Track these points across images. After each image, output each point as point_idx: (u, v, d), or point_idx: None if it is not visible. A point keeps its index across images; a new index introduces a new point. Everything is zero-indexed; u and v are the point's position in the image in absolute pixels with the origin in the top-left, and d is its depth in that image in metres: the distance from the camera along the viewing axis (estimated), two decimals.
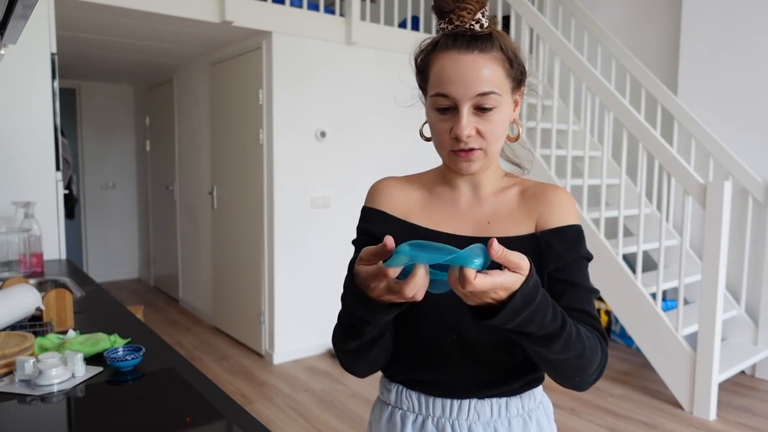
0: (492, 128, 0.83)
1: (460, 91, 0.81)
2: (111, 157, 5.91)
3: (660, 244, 3.05)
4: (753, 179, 3.30)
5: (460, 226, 0.91)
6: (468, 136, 0.82)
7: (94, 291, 1.89)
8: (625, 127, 3.18)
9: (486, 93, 0.81)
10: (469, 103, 0.81)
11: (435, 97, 0.83)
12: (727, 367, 2.97)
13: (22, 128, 2.54)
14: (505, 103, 0.84)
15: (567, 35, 4.19)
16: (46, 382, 1.06)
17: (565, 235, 0.88)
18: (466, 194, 0.93)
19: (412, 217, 0.93)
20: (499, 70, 0.83)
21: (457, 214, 0.92)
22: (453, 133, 0.82)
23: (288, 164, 3.53)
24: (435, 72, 0.84)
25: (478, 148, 0.84)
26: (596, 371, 0.82)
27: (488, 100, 0.81)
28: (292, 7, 3.45)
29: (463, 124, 0.81)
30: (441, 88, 0.82)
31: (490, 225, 0.90)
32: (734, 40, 3.41)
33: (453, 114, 0.83)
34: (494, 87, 0.81)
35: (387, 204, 0.94)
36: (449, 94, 0.81)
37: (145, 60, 4.48)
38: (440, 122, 0.85)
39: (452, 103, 0.82)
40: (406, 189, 0.95)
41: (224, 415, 0.96)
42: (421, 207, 0.93)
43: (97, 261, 5.85)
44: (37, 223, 2.30)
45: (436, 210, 0.93)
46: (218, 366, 3.55)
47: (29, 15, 1.17)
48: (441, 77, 0.82)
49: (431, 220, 0.92)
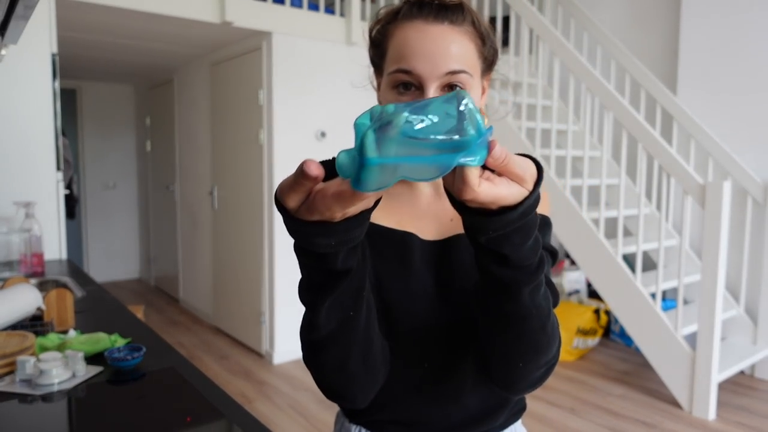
0: None
1: (427, 68, 0.68)
2: (111, 157, 5.91)
3: (659, 244, 3.06)
4: (752, 179, 3.30)
5: (425, 226, 0.79)
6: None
7: (94, 291, 1.90)
8: (624, 128, 3.18)
9: (456, 71, 0.68)
10: (436, 83, 0.69)
11: (395, 75, 0.70)
12: (726, 367, 2.97)
13: (23, 128, 2.54)
14: (475, 86, 0.72)
15: (566, 36, 4.19)
16: (47, 381, 1.07)
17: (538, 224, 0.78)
18: (425, 191, 0.80)
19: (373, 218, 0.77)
20: (471, 46, 0.71)
21: (419, 211, 0.80)
22: None
23: (288, 164, 3.53)
24: (396, 45, 0.71)
25: None
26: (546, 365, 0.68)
27: (458, 79, 0.69)
28: (292, 7, 3.45)
29: None
30: (403, 63, 0.69)
31: (453, 222, 0.79)
32: (734, 40, 3.41)
33: (415, 94, 0.70)
34: (466, 66, 0.69)
35: None
36: (413, 71, 0.68)
37: (145, 60, 4.48)
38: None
39: (415, 82, 0.69)
40: None
41: (224, 415, 0.96)
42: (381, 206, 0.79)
43: (97, 261, 5.85)
44: (38, 223, 2.30)
45: (398, 207, 0.80)
46: (218, 366, 3.56)
47: (30, 15, 1.18)
48: (403, 51, 0.69)
49: (396, 220, 0.78)
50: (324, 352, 0.64)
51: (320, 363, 0.66)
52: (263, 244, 3.63)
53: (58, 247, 2.63)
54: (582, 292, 4.07)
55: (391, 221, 0.78)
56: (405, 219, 0.78)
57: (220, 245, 4.27)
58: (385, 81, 0.73)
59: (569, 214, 3.34)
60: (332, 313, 0.61)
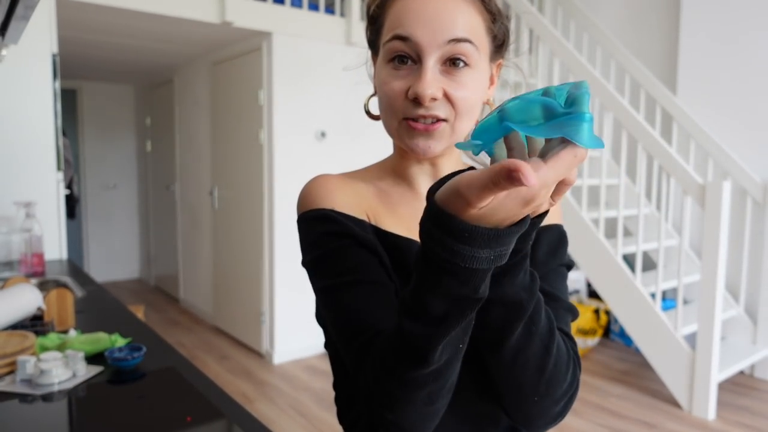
0: (464, 93, 0.62)
1: (426, 34, 0.60)
2: (112, 157, 5.91)
3: (659, 244, 3.06)
4: (752, 179, 3.30)
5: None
6: (432, 98, 0.61)
7: (94, 291, 1.90)
8: (624, 128, 3.19)
9: (460, 39, 0.61)
10: (436, 53, 0.61)
11: (390, 43, 0.63)
12: (726, 367, 2.97)
13: (23, 128, 2.54)
14: (481, 64, 0.64)
15: (566, 36, 4.19)
16: (47, 381, 1.07)
17: (548, 237, 0.70)
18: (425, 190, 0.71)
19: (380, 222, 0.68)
20: (478, 19, 0.63)
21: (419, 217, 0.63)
22: (411, 92, 0.61)
23: (288, 164, 3.54)
24: (394, 13, 0.64)
25: (444, 118, 0.63)
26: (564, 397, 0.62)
27: (462, 49, 0.61)
28: (292, 7, 3.45)
29: (428, 78, 0.60)
30: (399, 29, 0.62)
31: None
32: (733, 40, 3.42)
33: (412, 69, 0.62)
34: (470, 35, 0.62)
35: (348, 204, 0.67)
36: (411, 37, 0.61)
37: (145, 60, 4.48)
38: (393, 79, 0.63)
39: (413, 52, 0.62)
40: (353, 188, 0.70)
41: (225, 415, 0.96)
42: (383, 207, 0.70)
43: (97, 261, 5.85)
44: (38, 223, 2.30)
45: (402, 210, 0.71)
46: (219, 366, 3.56)
47: (30, 16, 1.18)
48: (401, 17, 0.62)
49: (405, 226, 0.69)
50: (422, 389, 0.54)
51: (412, 399, 0.55)
52: (263, 244, 3.63)
53: (59, 247, 2.63)
54: (582, 292, 4.07)
55: (401, 228, 0.69)
56: (412, 223, 0.69)
57: (220, 245, 4.27)
58: (381, 55, 0.65)
59: (569, 214, 3.35)
60: (447, 347, 0.52)
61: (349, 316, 0.62)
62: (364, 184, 0.71)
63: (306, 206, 0.68)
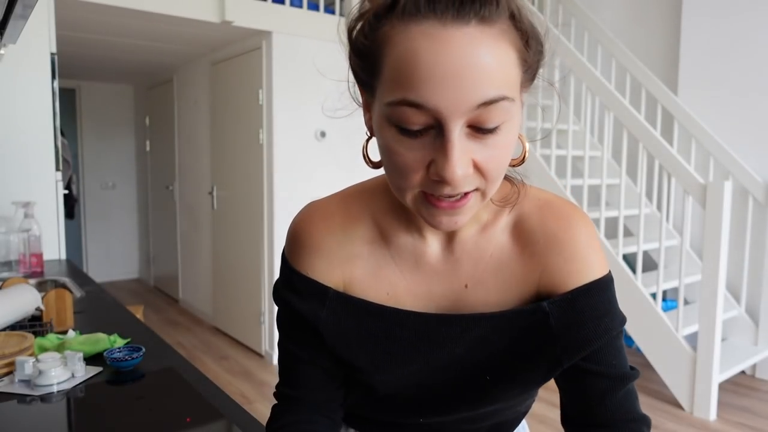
0: (497, 157, 0.50)
1: (449, 100, 0.46)
2: (111, 157, 5.90)
3: (660, 244, 3.05)
4: (753, 179, 3.29)
5: (427, 297, 0.62)
6: (464, 177, 0.49)
7: (93, 291, 1.89)
8: (625, 127, 3.18)
9: (493, 101, 0.47)
10: (462, 120, 0.47)
11: (399, 108, 0.48)
12: (727, 367, 2.97)
13: (22, 128, 2.54)
14: (517, 111, 0.51)
15: (567, 35, 4.18)
16: (46, 382, 1.06)
17: (590, 304, 0.59)
18: (433, 244, 0.62)
19: (356, 286, 0.63)
20: (511, 55, 0.48)
21: (423, 276, 0.62)
22: (435, 173, 0.49)
23: (288, 164, 3.53)
24: (396, 60, 0.48)
25: (474, 189, 0.51)
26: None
27: (496, 112, 0.48)
28: (292, 7, 3.45)
29: (456, 157, 0.47)
30: (411, 93, 0.47)
31: (469, 290, 0.61)
32: (734, 39, 3.41)
33: (431, 136, 0.49)
34: (505, 88, 0.48)
35: (321, 267, 0.63)
36: (428, 105, 0.46)
37: (145, 60, 4.47)
38: (406, 150, 0.50)
39: (431, 120, 0.48)
40: (346, 235, 0.63)
41: (224, 415, 0.95)
42: (370, 267, 0.63)
43: (97, 261, 5.85)
44: (37, 223, 2.29)
45: (392, 273, 0.63)
46: (218, 366, 3.55)
47: (29, 15, 1.17)
48: (410, 72, 0.47)
49: (386, 291, 0.62)
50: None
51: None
52: (263, 244, 3.62)
53: (57, 247, 2.62)
54: None
55: (380, 292, 0.63)
56: (400, 286, 0.63)
57: (219, 245, 4.26)
58: (382, 112, 0.51)
59: None
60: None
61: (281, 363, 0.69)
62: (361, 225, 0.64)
63: (286, 251, 0.67)
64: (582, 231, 0.59)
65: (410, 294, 0.63)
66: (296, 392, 0.68)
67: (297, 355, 0.67)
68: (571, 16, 4.15)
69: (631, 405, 0.62)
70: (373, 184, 0.66)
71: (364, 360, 0.64)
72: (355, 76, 0.58)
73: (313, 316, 0.63)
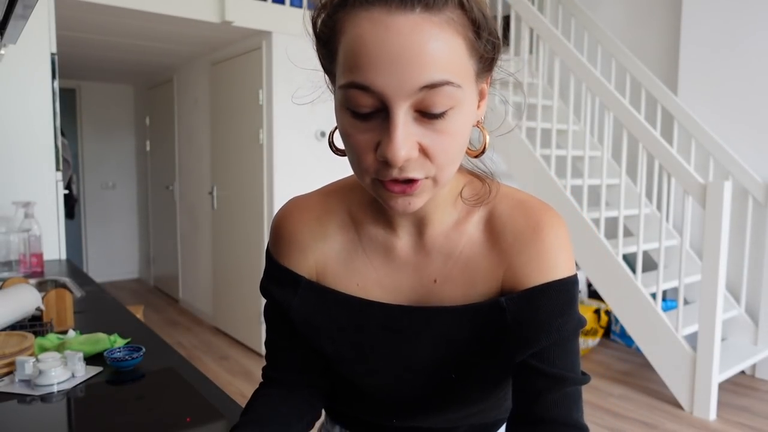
0: (445, 144, 0.51)
1: (392, 82, 0.48)
2: (111, 157, 5.90)
3: (660, 244, 3.05)
4: (753, 179, 3.29)
5: (396, 289, 0.64)
6: (406, 159, 0.50)
7: (94, 291, 1.89)
8: (625, 127, 3.18)
9: (436, 84, 0.48)
10: (407, 102, 0.49)
11: (348, 91, 0.50)
12: (727, 367, 2.97)
13: (22, 128, 2.54)
14: (466, 98, 0.52)
15: (567, 35, 4.18)
16: (46, 382, 1.06)
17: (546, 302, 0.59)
18: (404, 238, 0.64)
19: (328, 277, 0.66)
20: (458, 42, 0.50)
21: (393, 269, 0.64)
22: (380, 154, 0.50)
23: (288, 164, 3.53)
24: (346, 46, 0.51)
25: (423, 177, 0.52)
26: None
27: (439, 96, 0.49)
28: (292, 7, 3.45)
29: (399, 138, 0.49)
30: (357, 76, 0.49)
31: (438, 285, 0.63)
32: (734, 39, 3.41)
33: (380, 119, 0.50)
34: (450, 73, 0.49)
35: (295, 257, 0.67)
36: (372, 87, 0.48)
37: (145, 60, 4.47)
38: (358, 132, 0.52)
39: (377, 102, 0.50)
40: (321, 228, 0.67)
41: (224, 415, 0.96)
42: (342, 259, 0.66)
43: (97, 261, 5.85)
44: (37, 223, 2.29)
45: (363, 265, 0.65)
46: (218, 366, 3.55)
47: (29, 15, 1.17)
48: (357, 56, 0.49)
49: (356, 281, 0.65)
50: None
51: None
52: (263, 244, 3.62)
53: (58, 247, 2.62)
54: (582, 292, 4.07)
55: (350, 283, 0.66)
56: (370, 278, 0.65)
57: (219, 245, 4.26)
58: (338, 97, 0.53)
59: (569, 214, 3.34)
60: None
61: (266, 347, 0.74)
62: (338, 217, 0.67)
63: (269, 242, 0.72)
64: (550, 231, 0.60)
65: (379, 286, 0.65)
66: (276, 374, 0.73)
67: (276, 341, 0.72)
68: (571, 16, 4.15)
69: (567, 408, 0.62)
70: (353, 180, 0.68)
71: (331, 348, 0.67)
72: (321, 64, 0.61)
73: (286, 303, 0.67)
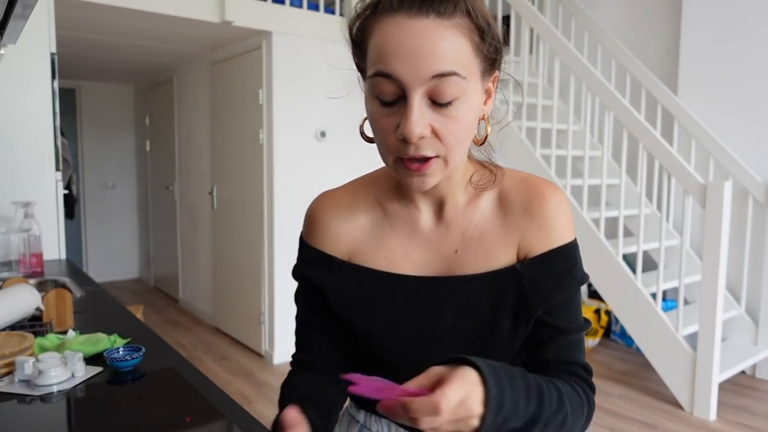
0: (453, 128, 0.62)
1: (409, 71, 0.59)
2: (111, 157, 5.90)
3: (660, 244, 3.05)
4: (753, 179, 3.29)
5: (421, 261, 0.73)
6: (420, 136, 0.60)
7: (93, 291, 1.89)
8: (625, 127, 3.18)
9: (445, 74, 0.59)
10: (421, 89, 0.60)
11: (374, 79, 0.62)
12: (727, 367, 2.97)
13: (22, 128, 2.53)
14: (472, 91, 0.63)
15: (567, 35, 4.18)
16: (46, 382, 1.06)
17: (555, 265, 0.71)
18: (426, 213, 0.74)
19: (359, 255, 0.75)
20: (465, 43, 0.61)
21: (417, 242, 0.74)
22: (399, 133, 0.61)
23: (288, 164, 3.53)
24: (375, 44, 0.63)
25: (434, 155, 0.63)
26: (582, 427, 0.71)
27: (448, 85, 0.60)
28: (292, 7, 3.45)
29: (414, 118, 0.60)
30: (381, 66, 0.61)
31: (459, 255, 0.72)
32: (735, 39, 3.41)
33: (400, 105, 0.62)
34: (457, 66, 0.60)
35: (328, 240, 0.76)
36: (393, 74, 0.60)
37: (145, 60, 4.47)
38: (383, 116, 0.63)
39: (398, 89, 0.61)
40: (350, 213, 0.76)
41: (224, 415, 0.95)
42: (371, 238, 0.75)
43: (97, 261, 5.85)
44: (37, 223, 2.29)
45: (390, 240, 0.74)
46: (218, 366, 3.55)
47: (29, 15, 1.17)
48: (382, 51, 0.61)
49: (385, 256, 0.74)
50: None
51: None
52: (263, 244, 3.62)
53: (57, 247, 2.62)
54: (582, 293, 4.07)
55: (380, 258, 0.74)
56: (397, 252, 0.74)
57: (219, 245, 4.26)
58: (367, 87, 0.65)
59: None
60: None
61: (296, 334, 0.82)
62: (365, 204, 0.77)
63: (302, 231, 0.81)
64: (552, 203, 0.71)
65: (406, 259, 0.74)
66: (307, 357, 0.80)
67: (309, 322, 0.79)
68: (571, 16, 4.15)
69: (571, 353, 0.73)
70: (377, 173, 0.79)
71: (363, 322, 0.75)
72: (356, 65, 0.73)
73: (321, 282, 0.76)
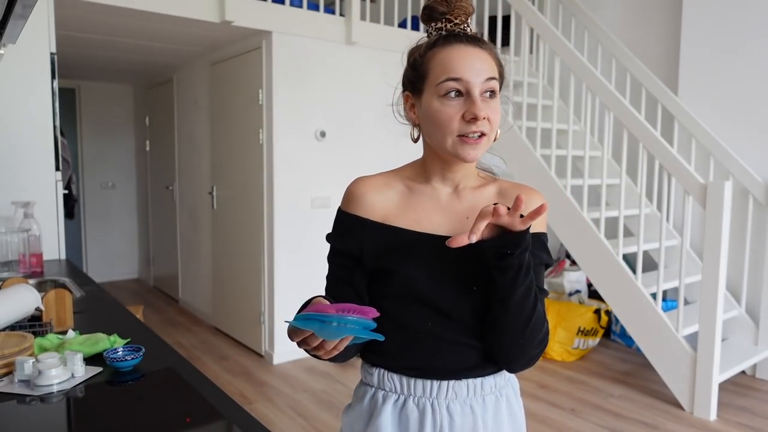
0: (495, 115, 0.90)
1: (473, 75, 0.87)
2: (111, 157, 5.90)
3: (660, 244, 3.05)
4: (753, 179, 3.29)
5: (439, 223, 0.95)
6: (484, 116, 0.87)
7: (93, 291, 1.89)
8: (625, 127, 3.18)
9: (492, 77, 0.89)
10: (479, 88, 0.88)
11: (445, 83, 0.88)
12: (727, 368, 2.97)
13: (21, 128, 2.53)
14: (499, 93, 0.92)
15: (567, 35, 4.18)
16: (46, 382, 1.06)
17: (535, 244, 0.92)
18: (445, 190, 0.98)
19: (390, 219, 0.96)
20: (495, 64, 0.92)
21: (437, 209, 0.96)
22: (469, 114, 0.87)
23: (288, 164, 3.53)
24: (440, 62, 0.89)
25: (485, 133, 0.89)
26: (540, 344, 0.91)
27: (494, 85, 0.89)
28: (292, 7, 3.45)
29: (480, 104, 0.87)
30: (452, 73, 0.88)
31: (469, 220, 0.95)
32: (735, 39, 3.41)
33: (462, 99, 0.88)
34: (495, 74, 0.91)
35: (365, 209, 0.96)
36: (462, 78, 0.87)
37: (145, 60, 4.47)
38: (448, 108, 0.88)
39: (463, 88, 0.88)
40: (383, 190, 0.98)
41: (224, 415, 0.95)
42: (400, 207, 0.97)
43: (96, 261, 5.85)
44: (37, 223, 2.29)
45: (415, 208, 0.97)
46: (218, 366, 3.55)
47: (29, 15, 1.17)
48: (450, 64, 0.88)
49: (411, 219, 0.95)
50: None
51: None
52: (263, 244, 3.62)
53: (57, 247, 2.62)
54: (583, 293, 4.06)
55: (409, 220, 0.95)
56: (422, 216, 0.96)
57: (219, 245, 4.26)
58: (432, 91, 0.90)
59: (570, 214, 3.34)
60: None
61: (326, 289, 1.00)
62: (395, 184, 0.99)
63: (342, 203, 1.00)
64: (537, 202, 0.96)
65: (429, 221, 0.95)
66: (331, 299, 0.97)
67: (338, 275, 0.98)
68: (571, 16, 4.15)
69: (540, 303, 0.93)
70: (402, 167, 1.02)
71: (392, 263, 0.93)
72: (407, 83, 0.96)
73: (357, 238, 0.95)
